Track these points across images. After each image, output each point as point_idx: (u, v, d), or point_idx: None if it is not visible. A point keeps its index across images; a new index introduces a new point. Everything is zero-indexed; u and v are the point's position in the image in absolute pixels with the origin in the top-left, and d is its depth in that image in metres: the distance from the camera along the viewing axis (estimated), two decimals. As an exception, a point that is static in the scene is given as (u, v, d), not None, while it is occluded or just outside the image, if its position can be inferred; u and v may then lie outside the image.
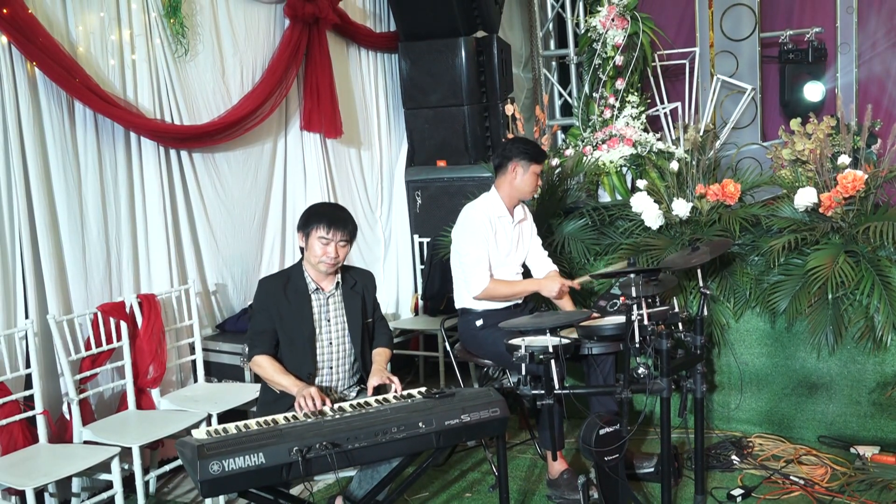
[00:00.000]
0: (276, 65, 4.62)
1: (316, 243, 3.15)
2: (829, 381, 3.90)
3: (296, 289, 3.21)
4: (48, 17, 3.57)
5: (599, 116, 5.83)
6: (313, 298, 3.22)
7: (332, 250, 3.15)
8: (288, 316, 3.18)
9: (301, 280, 3.23)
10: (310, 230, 3.17)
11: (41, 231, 3.57)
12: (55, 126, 3.63)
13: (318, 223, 3.15)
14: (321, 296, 3.24)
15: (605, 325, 3.31)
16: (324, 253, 3.15)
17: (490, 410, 2.78)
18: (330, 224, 3.14)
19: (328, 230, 3.14)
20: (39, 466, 3.19)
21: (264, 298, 3.21)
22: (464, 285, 3.78)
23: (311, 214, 3.22)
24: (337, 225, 3.15)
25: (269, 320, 3.18)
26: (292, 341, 3.18)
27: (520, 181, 3.73)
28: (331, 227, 3.14)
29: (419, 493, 3.67)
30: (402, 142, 5.77)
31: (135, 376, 3.82)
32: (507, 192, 3.77)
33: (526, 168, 3.71)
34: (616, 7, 5.75)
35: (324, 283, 3.24)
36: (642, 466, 3.66)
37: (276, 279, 3.28)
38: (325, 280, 3.24)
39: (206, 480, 2.37)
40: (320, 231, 3.14)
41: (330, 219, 3.16)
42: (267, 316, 3.18)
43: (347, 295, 3.28)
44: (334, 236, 3.14)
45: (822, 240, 3.86)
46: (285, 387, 3.03)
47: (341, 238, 3.16)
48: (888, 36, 6.73)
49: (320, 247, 3.15)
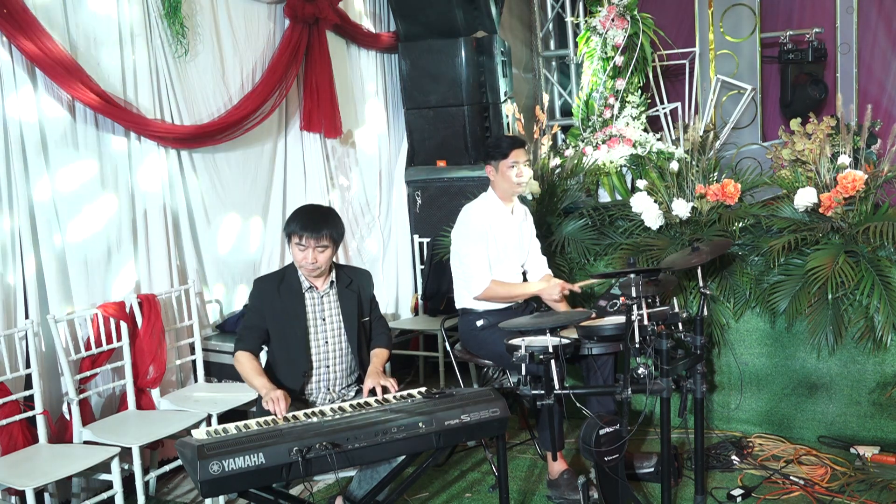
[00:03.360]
0: (276, 65, 4.62)
1: (294, 249, 3.16)
2: (829, 382, 3.90)
3: (289, 288, 3.21)
4: (48, 16, 3.57)
5: (599, 117, 5.83)
6: (307, 297, 3.22)
7: (310, 255, 3.13)
8: (281, 315, 3.19)
9: (295, 279, 3.23)
10: (289, 235, 3.17)
11: (42, 231, 3.57)
12: (56, 126, 3.63)
13: (293, 230, 3.14)
14: (315, 294, 3.24)
15: (605, 326, 3.31)
16: (303, 258, 3.14)
17: (490, 410, 2.78)
18: (303, 230, 3.11)
19: (301, 237, 3.12)
20: (39, 466, 3.20)
21: (258, 297, 3.22)
22: (464, 286, 3.78)
23: (290, 220, 3.20)
24: (311, 231, 3.11)
25: (260, 318, 3.19)
26: (286, 340, 3.19)
27: (498, 179, 3.76)
28: (304, 234, 3.11)
29: (419, 493, 3.67)
30: (402, 142, 5.77)
31: (135, 376, 3.82)
32: (498, 190, 3.80)
33: (496, 166, 3.73)
34: (616, 7, 5.75)
35: (317, 282, 3.24)
36: (642, 466, 3.66)
37: (270, 279, 3.28)
38: (319, 279, 3.24)
39: (206, 480, 2.37)
40: (296, 238, 3.14)
41: (304, 226, 3.12)
42: (259, 314, 3.20)
43: (343, 293, 3.28)
44: (309, 242, 3.11)
45: (822, 240, 3.86)
46: (256, 387, 3.06)
47: (317, 244, 3.12)
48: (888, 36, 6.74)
49: (299, 252, 3.14)
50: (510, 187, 3.76)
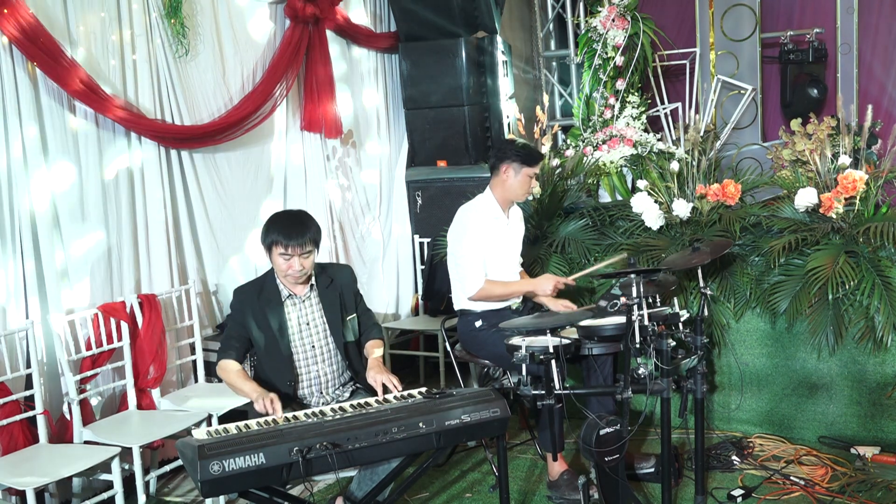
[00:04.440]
0: (277, 65, 4.62)
1: (278, 259, 3.09)
2: (829, 382, 3.90)
3: (269, 298, 3.17)
4: (49, 17, 3.57)
5: (600, 117, 5.83)
6: (288, 304, 3.18)
7: (296, 263, 3.08)
8: (263, 325, 3.15)
9: (274, 288, 3.18)
10: (269, 246, 3.10)
11: (42, 231, 3.57)
12: (56, 126, 3.63)
13: (275, 239, 3.06)
14: (296, 301, 3.20)
15: (606, 326, 3.31)
16: (288, 267, 3.09)
17: (490, 411, 2.77)
18: (288, 239, 3.04)
19: (286, 246, 3.05)
20: (40, 466, 3.20)
21: (238, 307, 3.19)
22: (460, 286, 3.78)
23: (268, 230, 3.10)
24: (294, 240, 3.05)
25: (241, 327, 3.16)
26: (269, 351, 3.17)
27: (511, 183, 3.72)
28: (289, 244, 3.05)
29: (419, 493, 3.67)
30: (402, 142, 5.77)
31: (135, 376, 3.82)
32: (500, 193, 3.77)
33: (518, 170, 3.70)
34: (616, 7, 5.75)
35: (296, 288, 3.20)
36: (642, 467, 3.66)
37: (249, 288, 3.24)
38: (297, 286, 3.19)
39: (206, 480, 2.37)
40: (279, 248, 3.06)
41: (288, 234, 3.04)
42: (240, 324, 3.17)
43: (324, 295, 3.23)
44: (294, 251, 3.06)
45: (822, 240, 3.86)
46: (246, 392, 3.02)
47: (302, 251, 3.07)
48: (889, 36, 6.73)
49: (283, 262, 3.08)
50: (517, 194, 3.76)
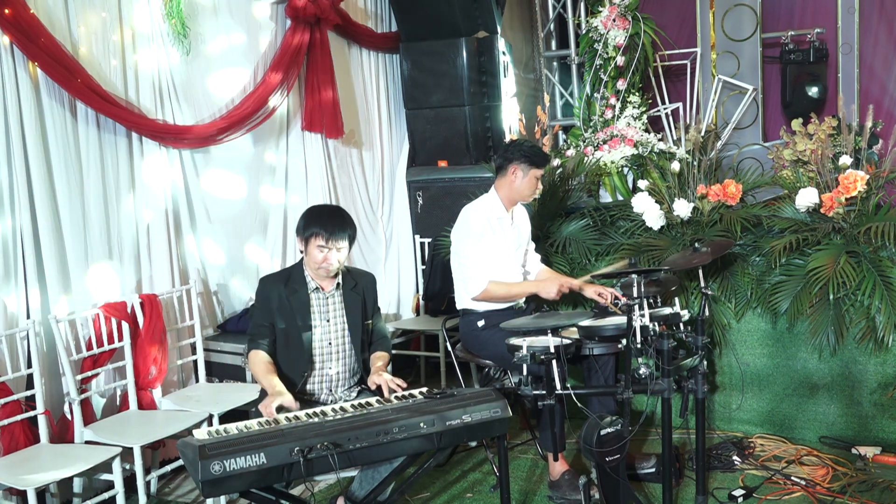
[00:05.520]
0: (278, 65, 4.62)
1: (315, 251, 3.14)
2: (830, 382, 3.90)
3: (295, 288, 3.21)
4: (50, 17, 3.57)
5: (601, 117, 5.83)
6: (313, 298, 3.23)
7: (332, 257, 3.14)
8: (286, 314, 3.19)
9: (301, 279, 3.23)
10: (308, 237, 3.15)
11: (43, 231, 3.58)
12: (57, 126, 3.63)
13: (316, 231, 3.12)
14: (321, 295, 3.24)
15: (607, 326, 3.31)
16: (324, 260, 3.14)
17: (491, 411, 2.78)
18: (329, 234, 3.11)
19: (327, 239, 3.11)
20: (41, 466, 3.20)
21: (264, 294, 3.22)
22: (463, 286, 3.78)
23: (309, 221, 3.18)
24: (335, 234, 3.12)
25: (268, 315, 3.19)
26: (288, 340, 3.19)
27: (519, 184, 3.73)
28: (330, 237, 3.11)
29: (420, 493, 3.67)
30: (403, 142, 5.77)
31: (136, 376, 3.82)
32: (506, 193, 3.77)
33: (526, 171, 3.71)
34: (617, 7, 5.75)
35: (324, 282, 3.24)
36: (643, 467, 3.66)
37: (276, 277, 3.28)
38: (326, 280, 3.24)
39: (207, 481, 2.37)
40: (319, 240, 3.12)
41: (329, 228, 3.12)
42: (267, 312, 3.20)
43: (348, 295, 3.28)
44: (333, 244, 3.12)
45: (823, 240, 3.86)
46: (263, 388, 3.07)
47: (339, 245, 3.14)
48: (890, 36, 6.73)
49: (318, 254, 3.14)
50: (524, 195, 3.77)
